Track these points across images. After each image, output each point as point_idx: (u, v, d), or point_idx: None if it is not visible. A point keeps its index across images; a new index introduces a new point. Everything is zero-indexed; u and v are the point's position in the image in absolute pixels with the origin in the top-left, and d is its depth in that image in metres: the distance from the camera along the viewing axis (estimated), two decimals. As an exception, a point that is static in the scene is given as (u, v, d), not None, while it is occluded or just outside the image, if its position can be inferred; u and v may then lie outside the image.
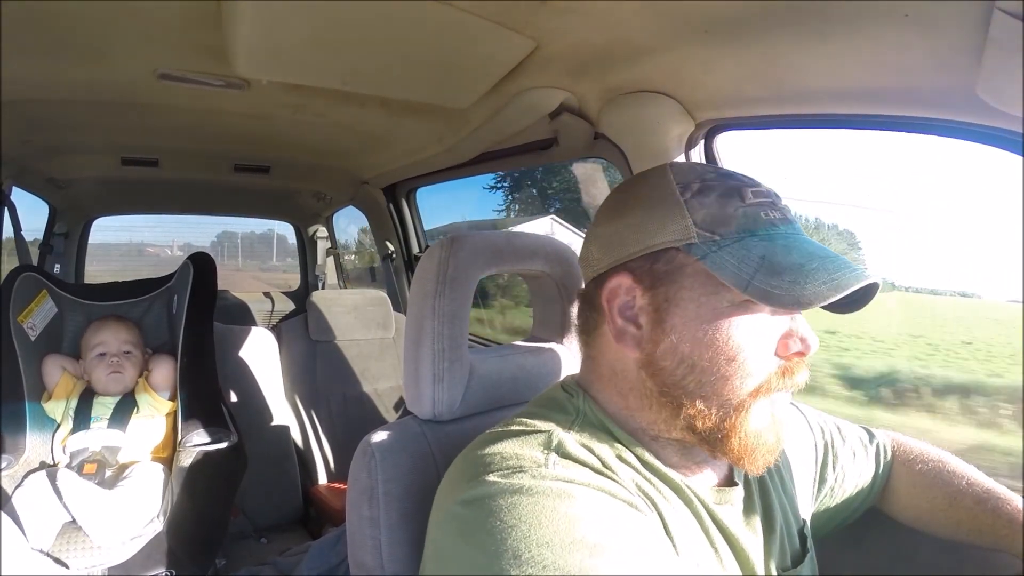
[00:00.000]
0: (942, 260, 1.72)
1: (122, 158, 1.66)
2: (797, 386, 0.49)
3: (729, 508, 0.53)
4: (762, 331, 0.48)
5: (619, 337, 0.51)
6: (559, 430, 0.49)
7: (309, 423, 1.92)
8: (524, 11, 0.72)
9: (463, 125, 1.21)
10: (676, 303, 0.48)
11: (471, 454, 0.49)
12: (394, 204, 1.99)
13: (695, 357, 0.47)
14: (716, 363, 0.47)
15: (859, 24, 0.60)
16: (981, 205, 1.30)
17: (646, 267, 0.50)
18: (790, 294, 0.44)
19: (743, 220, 0.48)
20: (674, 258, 0.49)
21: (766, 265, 0.46)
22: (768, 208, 0.49)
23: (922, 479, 0.71)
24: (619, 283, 0.51)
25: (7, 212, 1.61)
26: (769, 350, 0.48)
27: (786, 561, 0.57)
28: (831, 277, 0.45)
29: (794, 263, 0.46)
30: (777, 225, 0.49)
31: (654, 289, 0.49)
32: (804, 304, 0.45)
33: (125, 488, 1.26)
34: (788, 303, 0.45)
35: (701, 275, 0.48)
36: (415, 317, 0.64)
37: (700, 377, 0.48)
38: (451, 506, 0.46)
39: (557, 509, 0.41)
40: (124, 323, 1.51)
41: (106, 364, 1.41)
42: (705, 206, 0.48)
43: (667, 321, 0.49)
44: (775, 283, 0.45)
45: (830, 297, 0.44)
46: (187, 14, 0.79)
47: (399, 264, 2.10)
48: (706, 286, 0.48)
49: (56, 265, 2.06)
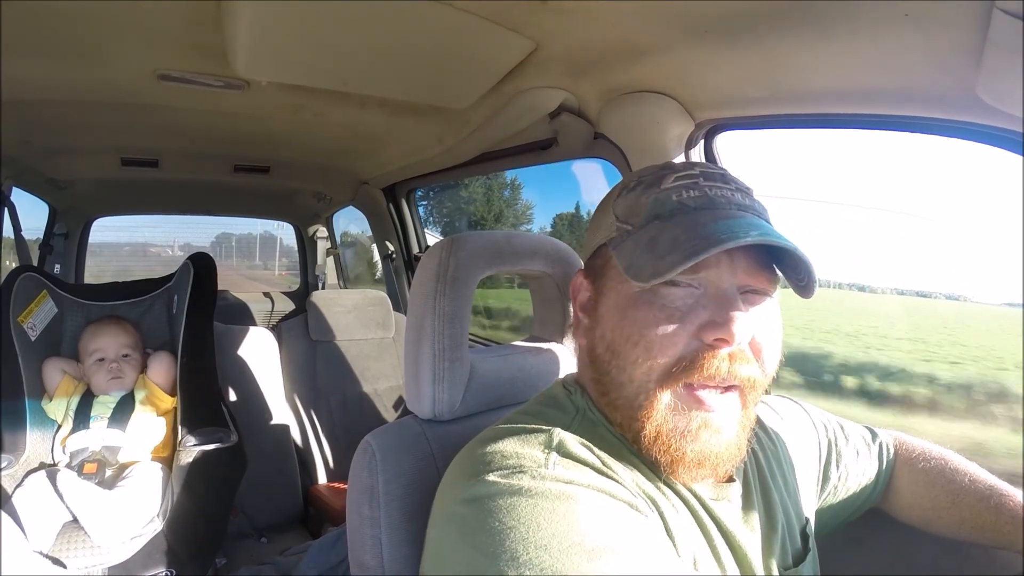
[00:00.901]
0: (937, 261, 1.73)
1: (122, 158, 1.66)
2: (731, 380, 0.47)
3: (727, 505, 0.53)
4: (672, 315, 0.47)
5: (576, 329, 0.56)
6: (559, 428, 0.50)
7: (309, 423, 1.92)
8: (524, 11, 0.72)
9: (463, 125, 1.21)
10: (603, 294, 0.53)
11: (472, 451, 0.50)
12: (394, 204, 1.99)
13: (614, 343, 0.50)
14: (626, 347, 0.49)
15: (859, 24, 0.60)
16: (980, 205, 1.30)
17: (591, 264, 0.55)
18: (651, 267, 0.46)
19: (652, 206, 0.50)
20: (603, 253, 0.53)
21: (649, 245, 0.48)
22: (685, 188, 0.50)
23: (925, 477, 0.71)
24: (579, 281, 0.57)
25: (7, 212, 1.61)
26: (680, 335, 0.47)
27: (787, 560, 0.57)
28: (693, 244, 0.44)
29: (671, 237, 0.47)
30: (686, 203, 0.49)
31: (595, 283, 0.54)
32: (657, 275, 0.45)
33: (125, 488, 1.26)
34: (645, 276, 0.46)
35: (617, 266, 0.50)
36: (415, 317, 0.64)
37: (619, 363, 0.49)
38: (451, 505, 0.46)
39: (556, 511, 0.41)
40: (121, 326, 1.50)
41: (105, 370, 1.41)
42: (626, 200, 0.52)
43: (597, 311, 0.53)
44: (645, 259, 0.47)
45: (682, 264, 0.44)
46: (187, 14, 0.79)
47: (399, 264, 2.10)
48: (621, 275, 0.50)
49: (56, 265, 2.07)
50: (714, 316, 0.46)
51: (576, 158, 1.28)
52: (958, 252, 1.56)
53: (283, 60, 0.88)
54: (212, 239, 5.64)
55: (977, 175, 0.97)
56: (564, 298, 0.75)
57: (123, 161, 1.67)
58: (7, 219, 1.63)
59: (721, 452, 0.48)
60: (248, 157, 1.73)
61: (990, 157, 0.65)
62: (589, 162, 1.20)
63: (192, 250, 1.77)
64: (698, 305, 0.47)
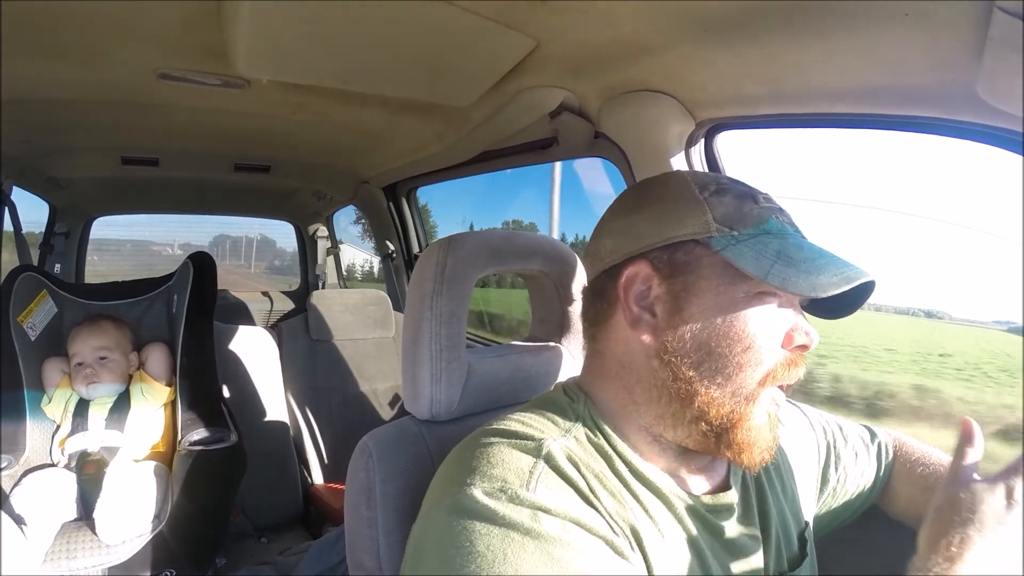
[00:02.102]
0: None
1: (122, 157, 1.66)
2: (798, 379, 0.51)
3: (724, 514, 0.53)
4: (773, 322, 0.50)
5: (634, 324, 0.52)
6: (551, 439, 0.49)
7: (309, 422, 1.92)
8: (524, 10, 0.72)
9: (463, 124, 1.21)
10: (695, 292, 0.50)
11: (463, 453, 0.50)
12: (394, 203, 1.99)
13: (712, 344, 0.49)
14: (732, 351, 0.49)
15: (859, 23, 0.60)
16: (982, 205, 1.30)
17: (664, 257, 0.51)
18: (807, 281, 0.47)
19: (758, 219, 0.51)
20: (692, 250, 0.51)
21: (783, 258, 0.48)
22: (778, 213, 0.53)
23: (923, 479, 0.70)
24: (636, 272, 0.52)
25: (7, 212, 1.61)
26: (777, 341, 0.50)
27: (783, 565, 0.57)
28: (840, 271, 0.47)
29: (806, 257, 0.49)
30: (787, 227, 0.52)
31: (672, 278, 0.51)
32: (820, 290, 0.47)
33: (125, 488, 1.26)
34: (806, 289, 0.47)
35: (719, 266, 0.50)
36: (413, 317, 0.64)
37: (716, 363, 0.49)
38: (433, 507, 0.48)
39: (526, 548, 0.41)
40: (98, 327, 1.45)
41: (83, 376, 1.38)
42: (723, 204, 0.51)
43: (685, 309, 0.50)
44: (792, 272, 0.47)
45: (842, 286, 0.47)
46: (187, 14, 0.79)
47: (399, 263, 2.10)
48: (723, 277, 0.50)
49: (56, 265, 2.07)
50: (797, 324, 0.51)
51: (577, 157, 1.28)
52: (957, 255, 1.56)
53: (283, 59, 0.88)
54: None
55: (977, 175, 0.97)
56: (562, 297, 0.75)
57: (123, 160, 1.68)
58: (7, 218, 1.63)
59: (776, 439, 0.52)
60: (248, 156, 1.73)
61: (990, 157, 0.64)
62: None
63: (191, 248, 1.77)
64: (783, 313, 0.51)
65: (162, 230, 5.68)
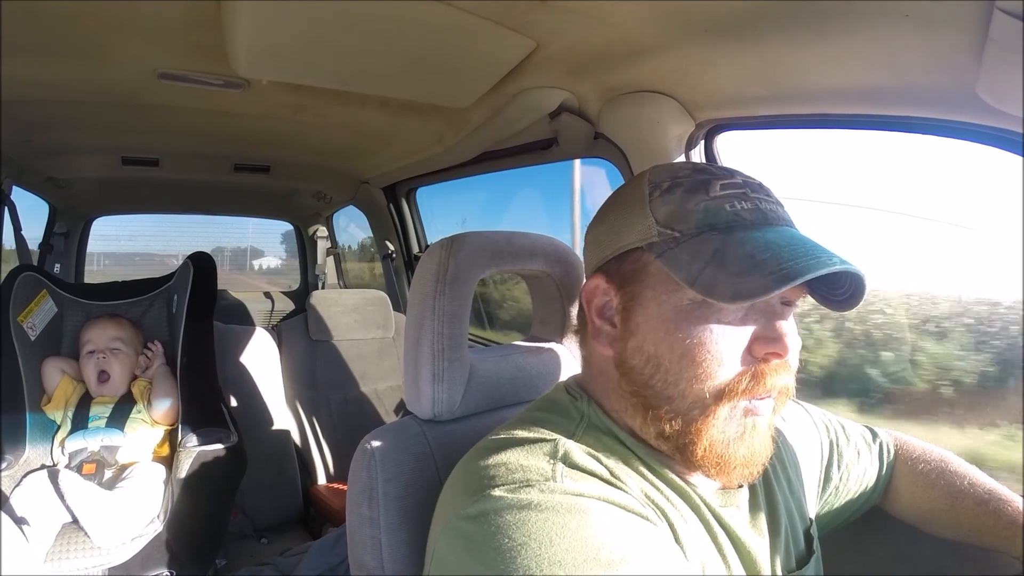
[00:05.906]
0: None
1: (122, 158, 1.66)
2: (773, 391, 0.47)
3: (735, 511, 0.53)
4: (728, 330, 0.46)
5: (595, 336, 0.52)
6: (564, 438, 0.48)
7: (309, 423, 1.92)
8: (524, 11, 0.72)
9: (463, 125, 1.21)
10: (640, 302, 0.49)
11: (474, 463, 0.48)
12: (394, 204, 1.99)
13: (659, 356, 0.47)
14: (680, 364, 0.46)
15: (859, 24, 0.60)
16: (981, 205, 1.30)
17: (615, 268, 0.51)
18: (732, 287, 0.43)
19: (703, 214, 0.47)
20: (639, 258, 0.49)
21: (716, 258, 0.44)
22: (736, 199, 0.47)
23: (924, 479, 0.71)
24: (596, 284, 0.52)
25: (7, 212, 1.61)
26: (736, 351, 0.46)
27: (791, 563, 0.57)
28: (780, 267, 0.42)
29: (744, 254, 0.44)
30: (743, 215, 0.47)
31: (623, 289, 0.50)
32: (744, 296, 0.43)
33: (125, 488, 1.26)
34: (728, 296, 0.43)
35: (662, 274, 0.47)
36: (415, 317, 0.64)
37: (666, 377, 0.47)
38: (454, 521, 0.44)
39: (568, 525, 0.39)
40: (114, 320, 1.51)
41: (94, 362, 1.41)
42: (668, 203, 0.48)
43: (632, 320, 0.49)
44: (722, 276, 0.43)
45: (774, 288, 0.42)
46: (187, 14, 0.79)
47: (399, 264, 2.10)
48: (667, 284, 0.47)
49: (56, 265, 2.07)
50: (766, 331, 0.46)
51: (577, 158, 1.28)
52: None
53: (283, 59, 0.88)
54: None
55: (977, 175, 0.97)
56: (564, 298, 0.75)
57: (123, 160, 1.68)
58: (7, 218, 1.63)
59: (763, 452, 0.49)
60: (248, 156, 1.73)
61: (990, 157, 0.65)
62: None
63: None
64: (748, 319, 0.46)
65: (161, 243, 5.66)
